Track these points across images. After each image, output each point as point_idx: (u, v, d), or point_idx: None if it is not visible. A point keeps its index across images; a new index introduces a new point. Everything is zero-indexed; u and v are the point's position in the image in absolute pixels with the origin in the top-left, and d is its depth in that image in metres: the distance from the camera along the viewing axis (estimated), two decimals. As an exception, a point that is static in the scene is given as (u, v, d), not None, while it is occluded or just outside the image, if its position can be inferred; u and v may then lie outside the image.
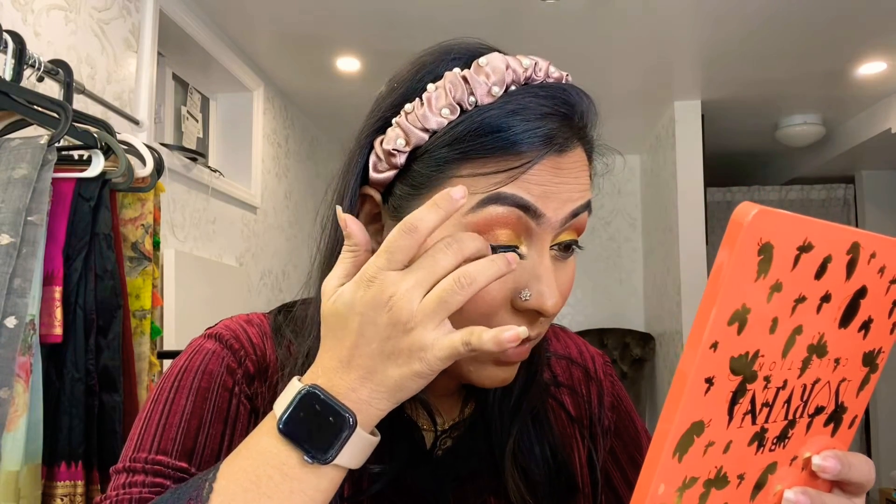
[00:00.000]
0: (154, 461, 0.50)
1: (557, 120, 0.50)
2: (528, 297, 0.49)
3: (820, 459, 0.41)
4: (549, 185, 0.49)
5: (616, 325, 4.08)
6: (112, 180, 1.24)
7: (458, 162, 0.49)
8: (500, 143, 0.48)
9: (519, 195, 0.48)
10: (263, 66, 2.84)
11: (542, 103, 0.50)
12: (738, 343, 0.33)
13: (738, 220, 0.31)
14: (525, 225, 0.49)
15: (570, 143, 0.51)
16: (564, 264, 0.53)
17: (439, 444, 0.59)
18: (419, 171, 0.51)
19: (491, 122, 0.49)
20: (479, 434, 0.60)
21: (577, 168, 0.52)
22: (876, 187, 4.28)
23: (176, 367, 0.55)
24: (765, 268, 0.32)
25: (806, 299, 0.35)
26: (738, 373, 0.34)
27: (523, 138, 0.48)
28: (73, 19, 1.64)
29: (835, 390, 0.40)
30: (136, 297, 1.32)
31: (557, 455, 0.60)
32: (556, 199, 0.50)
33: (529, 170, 0.49)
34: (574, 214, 0.51)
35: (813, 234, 0.33)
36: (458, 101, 0.50)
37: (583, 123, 0.53)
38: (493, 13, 2.36)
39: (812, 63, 2.81)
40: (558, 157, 0.50)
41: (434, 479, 0.58)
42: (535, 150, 0.49)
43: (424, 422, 0.59)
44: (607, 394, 0.68)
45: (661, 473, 0.34)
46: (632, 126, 3.73)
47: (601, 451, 0.66)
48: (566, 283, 0.54)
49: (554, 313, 0.50)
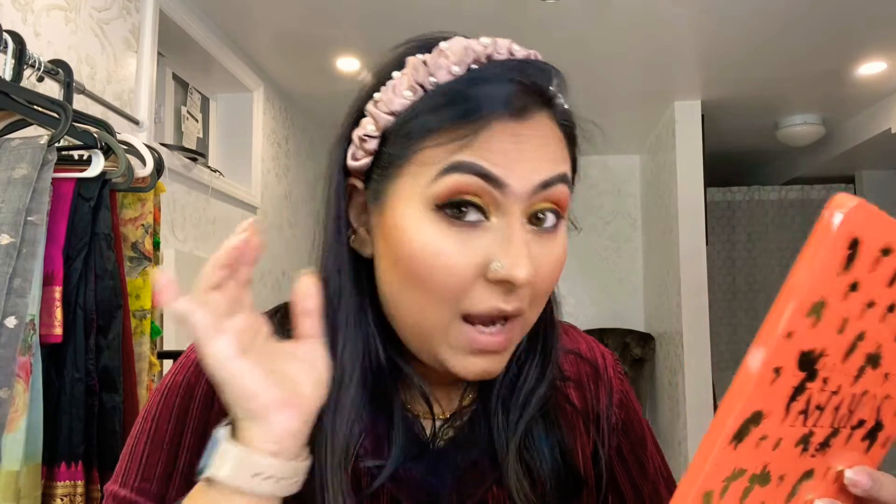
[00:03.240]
0: (139, 489, 0.55)
1: (514, 86, 0.50)
2: (498, 268, 0.49)
3: (852, 473, 0.40)
4: (509, 152, 0.49)
5: (616, 325, 4.08)
6: (112, 180, 1.24)
7: (419, 137, 0.50)
8: (456, 111, 0.49)
9: (477, 162, 0.49)
10: (263, 66, 2.84)
11: (498, 73, 0.51)
12: (810, 337, 0.32)
13: (835, 210, 0.30)
14: (491, 195, 0.49)
15: (529, 110, 0.51)
16: (548, 240, 0.52)
17: (441, 434, 0.59)
18: (388, 153, 0.52)
19: (447, 93, 0.50)
20: (481, 424, 0.59)
21: (541, 137, 0.51)
22: (876, 187, 4.28)
23: (164, 383, 0.59)
24: (849, 264, 0.31)
25: (875, 305, 0.34)
26: (803, 368, 0.33)
27: (477, 104, 0.49)
28: (73, 19, 1.64)
29: (878, 405, 0.39)
30: (136, 297, 1.32)
31: (567, 455, 0.60)
32: (520, 169, 0.49)
33: (489, 138, 0.49)
34: (545, 185, 0.51)
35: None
36: (419, 83, 0.52)
37: (544, 91, 0.52)
38: (493, 13, 2.36)
39: (812, 63, 2.81)
40: (518, 124, 0.50)
41: (435, 471, 0.57)
42: (490, 115, 0.49)
43: (423, 411, 0.59)
44: (616, 391, 0.67)
45: (717, 458, 0.33)
46: (632, 126, 3.73)
47: (607, 446, 0.66)
48: (551, 260, 0.52)
49: (524, 283, 0.48)
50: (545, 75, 0.53)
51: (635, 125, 3.71)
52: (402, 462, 0.56)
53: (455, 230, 0.49)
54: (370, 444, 0.56)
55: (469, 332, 0.51)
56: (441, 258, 0.49)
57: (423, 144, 0.50)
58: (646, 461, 0.67)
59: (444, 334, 0.51)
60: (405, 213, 0.50)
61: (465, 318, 0.51)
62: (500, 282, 0.49)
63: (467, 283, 0.49)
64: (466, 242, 0.49)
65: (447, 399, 0.61)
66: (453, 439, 0.59)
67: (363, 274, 0.56)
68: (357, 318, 0.55)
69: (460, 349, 0.51)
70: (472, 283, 0.49)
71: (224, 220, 2.59)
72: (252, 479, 0.45)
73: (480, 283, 0.50)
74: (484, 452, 0.59)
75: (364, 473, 0.56)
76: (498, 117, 0.49)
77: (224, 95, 2.83)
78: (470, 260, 0.49)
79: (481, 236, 0.50)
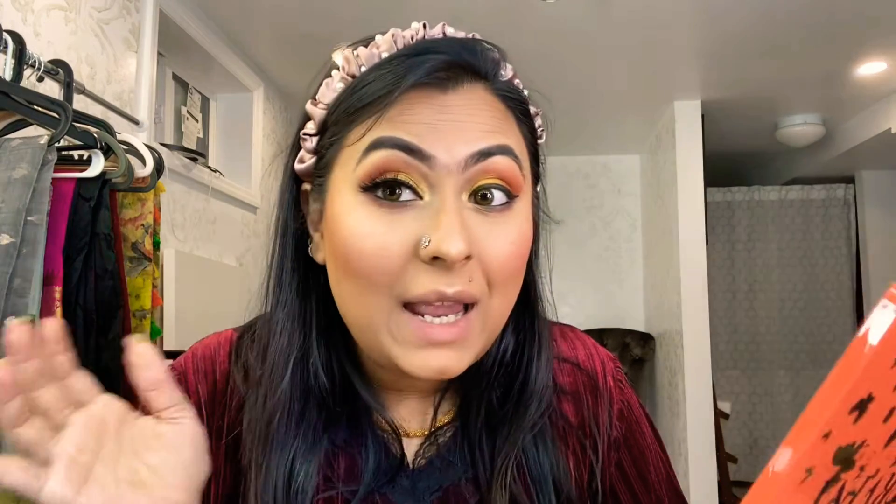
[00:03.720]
0: None
1: (435, 56, 0.48)
2: (427, 244, 0.45)
3: None
4: (433, 122, 0.47)
5: (616, 325, 4.08)
6: (112, 180, 1.24)
7: (345, 122, 0.49)
8: (375, 87, 0.48)
9: (397, 136, 0.46)
10: (263, 66, 2.84)
11: (420, 48, 0.49)
12: (850, 432, 0.30)
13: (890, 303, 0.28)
14: (418, 170, 0.47)
15: (456, 81, 0.49)
16: (499, 220, 0.49)
17: (423, 451, 0.56)
18: (323, 145, 0.51)
19: (368, 73, 0.49)
20: (464, 443, 0.56)
21: (472, 107, 0.49)
22: (876, 187, 4.27)
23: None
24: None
25: None
26: (838, 462, 0.31)
27: (395, 77, 0.47)
28: (73, 19, 1.64)
29: None
30: (136, 297, 1.32)
31: (560, 480, 0.56)
32: (447, 139, 0.47)
33: (408, 110, 0.47)
34: (479, 156, 0.47)
35: None
36: (351, 74, 0.51)
37: (472, 63, 0.49)
38: (492, 13, 2.36)
39: (812, 63, 2.80)
40: (442, 95, 0.48)
41: (412, 494, 0.54)
42: (409, 87, 0.47)
43: (405, 430, 0.56)
44: (616, 401, 0.63)
45: None
46: (632, 126, 3.73)
47: (606, 465, 0.61)
48: (503, 241, 0.48)
49: (456, 258, 0.45)
50: (478, 50, 0.50)
51: (635, 125, 3.71)
52: (376, 486, 0.53)
53: (385, 211, 0.47)
54: (344, 468, 0.54)
55: (413, 322, 0.47)
56: (370, 240, 0.46)
57: (349, 128, 0.49)
58: (648, 473, 0.63)
59: (387, 326, 0.48)
60: (339, 200, 0.48)
61: (407, 307, 0.47)
62: (434, 260, 0.46)
63: (399, 264, 0.46)
64: (397, 222, 0.47)
65: (421, 415, 0.57)
66: (432, 459, 0.56)
67: (312, 283, 0.54)
68: (301, 335, 0.53)
69: (408, 343, 0.47)
70: (405, 265, 0.46)
71: (224, 220, 2.59)
72: None
73: (415, 265, 0.46)
74: (465, 474, 0.55)
75: (339, 499, 0.53)
76: (417, 88, 0.47)
77: (224, 95, 2.83)
78: (400, 238, 0.46)
79: (414, 216, 0.47)
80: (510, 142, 0.49)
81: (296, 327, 0.53)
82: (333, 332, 0.54)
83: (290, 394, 0.52)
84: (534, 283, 0.58)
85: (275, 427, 0.51)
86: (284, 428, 0.51)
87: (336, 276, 0.50)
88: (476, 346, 0.50)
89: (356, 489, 0.53)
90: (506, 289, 0.50)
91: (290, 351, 0.52)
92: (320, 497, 0.53)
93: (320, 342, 0.54)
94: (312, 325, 0.54)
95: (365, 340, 0.51)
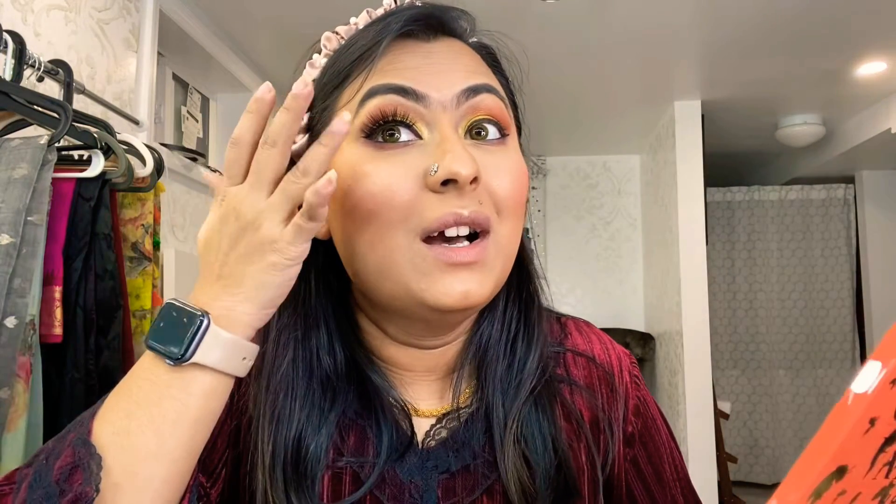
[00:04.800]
0: None
1: (411, 11, 0.52)
2: (436, 170, 0.47)
3: None
4: (421, 66, 0.50)
5: (616, 325, 4.08)
6: (112, 180, 1.24)
7: (337, 86, 0.52)
8: (360, 46, 0.51)
9: (388, 80, 0.49)
10: (263, 66, 2.84)
11: (397, 11, 0.53)
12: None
13: None
14: (415, 110, 0.49)
15: (435, 33, 0.53)
16: (496, 151, 0.51)
17: (434, 433, 0.57)
18: (314, 116, 0.53)
19: (351, 39, 0.53)
20: (478, 425, 0.57)
21: (454, 52, 0.53)
22: (876, 187, 4.27)
23: None
24: None
25: None
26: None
27: (378, 33, 0.51)
28: (73, 19, 1.64)
29: None
30: (136, 297, 1.32)
31: (558, 449, 0.57)
32: (437, 80, 0.50)
33: (397, 59, 0.50)
34: (468, 92, 0.50)
35: None
36: (333, 50, 0.54)
37: (446, 19, 0.54)
38: (493, 13, 2.36)
39: (812, 63, 2.80)
40: (426, 44, 0.52)
41: (421, 472, 0.55)
42: (394, 39, 0.51)
43: (421, 409, 0.57)
44: (632, 397, 0.63)
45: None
46: (632, 126, 3.73)
47: (621, 460, 0.62)
48: (504, 169, 0.51)
49: (468, 176, 0.47)
50: (450, 10, 0.55)
51: (635, 125, 3.71)
52: (386, 461, 0.54)
53: (388, 153, 0.49)
54: (354, 441, 0.55)
55: (434, 249, 0.48)
56: (377, 177, 0.48)
57: (340, 90, 0.52)
58: (663, 470, 0.63)
59: (410, 262, 0.49)
60: (339, 158, 0.50)
61: (426, 240, 0.49)
62: (444, 186, 0.47)
63: (410, 196, 0.48)
64: (401, 160, 0.49)
65: (437, 397, 0.58)
66: (445, 440, 0.57)
67: (310, 259, 0.54)
68: (303, 314, 0.54)
69: (432, 271, 0.48)
70: (416, 197, 0.48)
71: (224, 220, 2.59)
72: (241, 363, 0.45)
73: (426, 196, 0.48)
74: (478, 457, 0.56)
75: (346, 471, 0.54)
76: (401, 39, 0.51)
77: (224, 95, 2.83)
78: (407, 172, 0.48)
79: (416, 154, 0.49)
80: (491, 81, 0.53)
81: (298, 308, 0.54)
82: (338, 312, 0.56)
83: (294, 371, 0.53)
84: (524, 248, 0.60)
85: (280, 404, 0.52)
86: (289, 405, 0.53)
87: (348, 233, 0.51)
88: (495, 270, 0.51)
89: (363, 462, 0.54)
90: (511, 218, 0.52)
91: (292, 329, 0.54)
92: (329, 469, 0.54)
93: (320, 321, 0.55)
94: (311, 302, 0.55)
95: (388, 289, 0.51)
